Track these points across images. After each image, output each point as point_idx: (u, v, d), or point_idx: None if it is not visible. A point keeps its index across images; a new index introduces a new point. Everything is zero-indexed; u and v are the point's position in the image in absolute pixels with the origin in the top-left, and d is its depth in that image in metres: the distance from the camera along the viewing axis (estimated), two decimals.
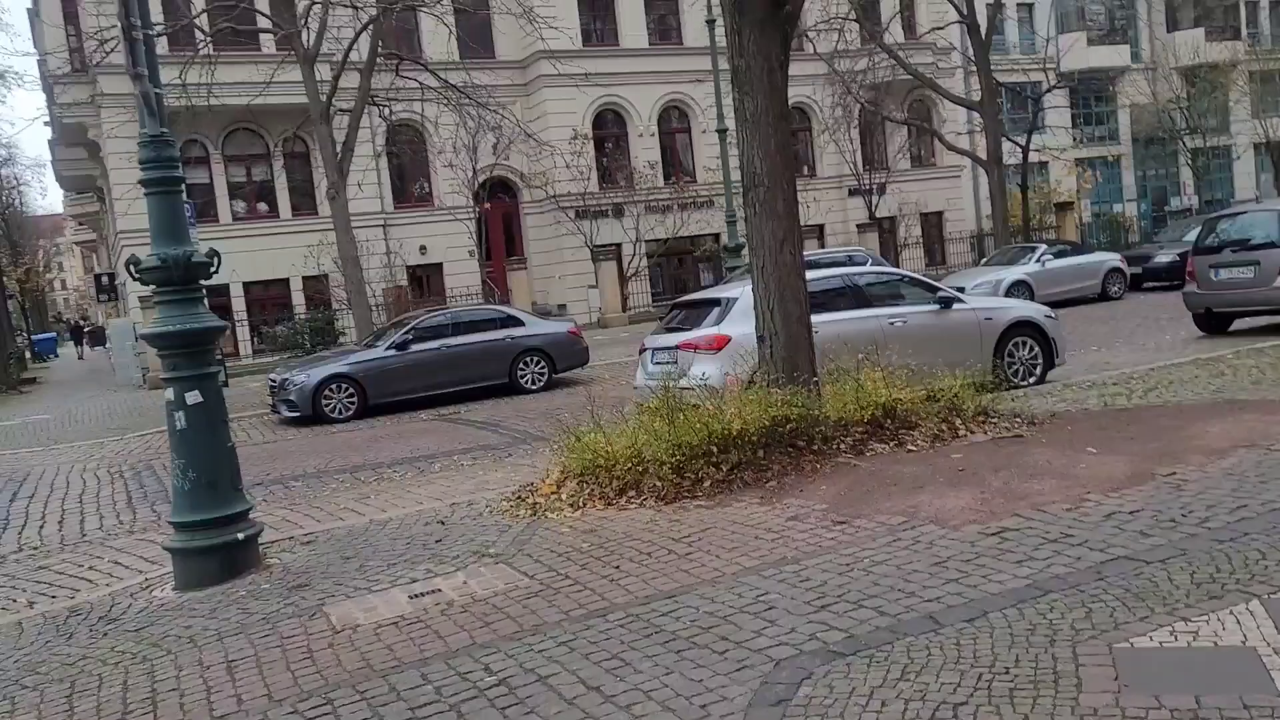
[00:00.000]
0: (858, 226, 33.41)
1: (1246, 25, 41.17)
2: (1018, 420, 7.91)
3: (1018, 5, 37.24)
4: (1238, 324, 13.76)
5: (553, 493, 7.24)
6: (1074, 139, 37.70)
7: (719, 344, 9.48)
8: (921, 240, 35.48)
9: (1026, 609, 4.20)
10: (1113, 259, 23.08)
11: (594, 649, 4.37)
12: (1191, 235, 24.21)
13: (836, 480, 6.75)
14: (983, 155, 26.46)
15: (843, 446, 7.28)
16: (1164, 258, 23.02)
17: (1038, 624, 4.02)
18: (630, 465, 6.99)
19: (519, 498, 7.42)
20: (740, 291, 9.91)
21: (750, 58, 7.87)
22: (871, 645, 4.03)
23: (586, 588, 5.24)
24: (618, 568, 5.51)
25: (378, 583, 5.78)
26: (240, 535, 6.38)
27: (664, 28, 32.37)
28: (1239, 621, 3.79)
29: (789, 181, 8.05)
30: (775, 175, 7.93)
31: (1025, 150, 30.02)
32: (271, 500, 9.10)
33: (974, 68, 28.95)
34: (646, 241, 31.06)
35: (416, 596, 5.47)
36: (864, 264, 17.43)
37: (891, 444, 7.39)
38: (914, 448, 7.33)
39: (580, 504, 6.96)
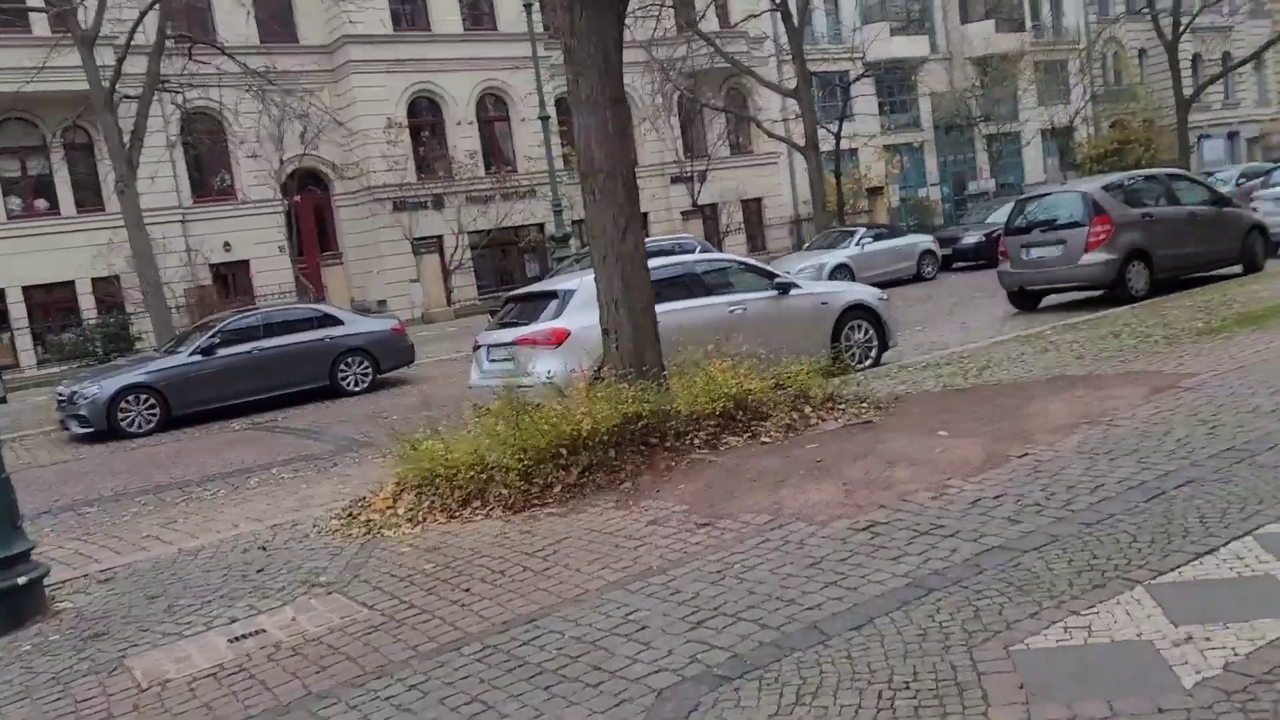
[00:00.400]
0: (682, 214, 33.59)
1: (1031, 18, 43.77)
2: (864, 406, 7.84)
3: None
4: (1047, 300, 14.38)
5: (388, 507, 6.64)
6: (881, 126, 39.12)
7: (558, 338, 9.05)
8: (743, 226, 36.03)
9: (913, 611, 3.97)
10: (926, 241, 23.97)
11: (450, 690, 3.89)
12: (994, 217, 25.51)
13: (694, 478, 6.45)
14: (800, 141, 26.98)
15: (696, 441, 7.00)
16: (971, 239, 24.10)
17: (928, 628, 3.79)
18: (473, 473, 6.49)
19: (350, 514, 6.78)
20: (578, 283, 9.51)
21: (583, 37, 7.44)
22: (758, 665, 3.70)
23: (435, 616, 4.73)
24: (468, 590, 5.02)
25: (190, 625, 5.08)
26: (21, 580, 5.51)
27: (477, 13, 31.48)
28: (1128, 613, 3.67)
29: (628, 167, 7.70)
30: (615, 160, 7.55)
31: (838, 137, 30.88)
32: (62, 531, 8.04)
33: (787, 56, 29.53)
34: (469, 233, 30.21)
35: (237, 639, 4.81)
36: (693, 251, 17.37)
37: (745, 436, 7.16)
38: (768, 439, 7.12)
39: (420, 518, 6.41)
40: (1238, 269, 14.11)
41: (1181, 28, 31.20)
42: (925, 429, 6.90)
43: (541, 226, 31.01)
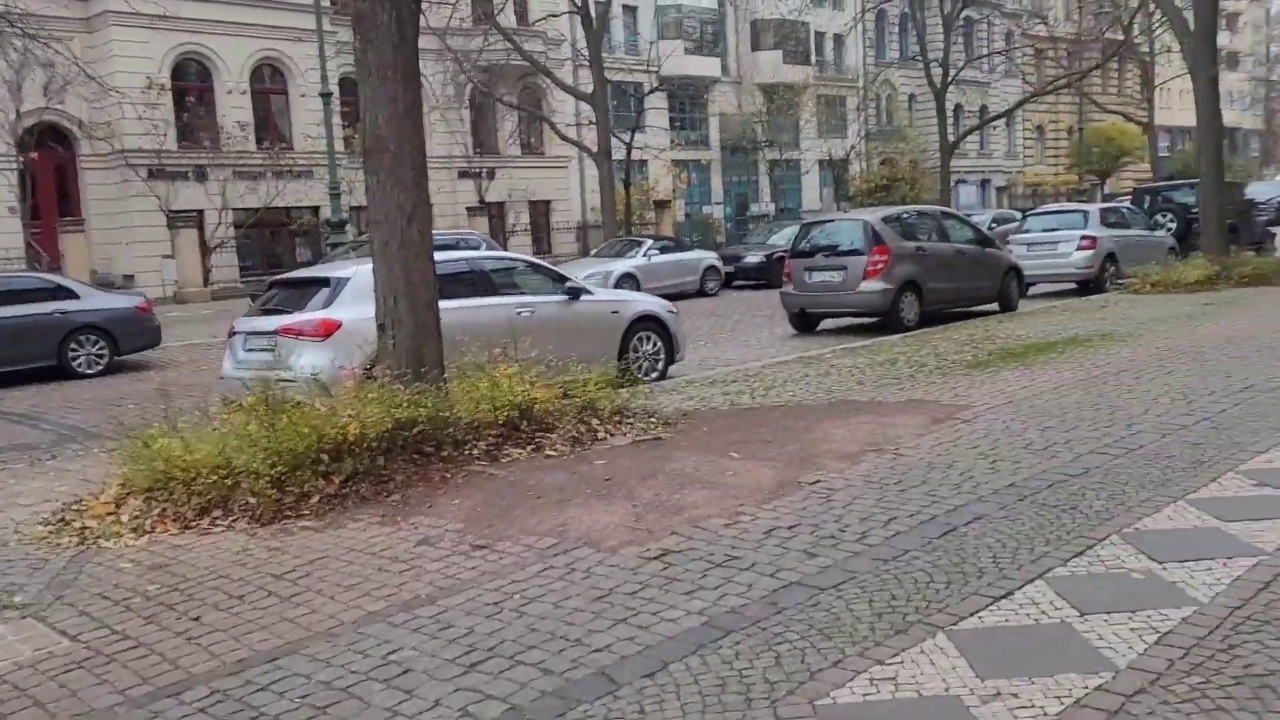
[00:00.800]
0: (467, 210, 32.71)
1: (816, 53, 45.77)
2: (654, 421, 7.54)
3: (624, 7, 38.42)
4: (824, 324, 14.75)
5: (109, 513, 5.73)
6: (671, 141, 39.68)
7: (327, 330, 8.25)
8: (530, 228, 35.54)
9: (710, 656, 3.63)
10: (710, 257, 24.32)
11: None
12: (775, 239, 26.28)
13: (471, 492, 5.91)
14: (593, 147, 26.80)
15: (476, 452, 6.46)
16: (753, 258, 24.66)
17: (727, 677, 3.45)
18: (216, 477, 5.68)
19: (62, 519, 5.82)
20: (353, 271, 8.74)
21: (376, 1, 6.76)
22: None
23: (154, 652, 3.98)
24: (199, 619, 4.28)
25: None
26: None
27: None
28: (933, 662, 3.46)
29: (418, 148, 7.06)
30: (403, 139, 6.90)
31: (629, 147, 30.94)
32: None
33: (584, 61, 29.32)
34: (234, 210, 28.11)
35: None
36: (478, 249, 16.72)
37: (529, 448, 6.68)
38: (553, 453, 6.67)
39: (147, 528, 5.55)
40: (995, 307, 14.97)
41: (950, 78, 33.33)
42: (716, 449, 6.66)
43: (316, 210, 29.34)
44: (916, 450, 6.34)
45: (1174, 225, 20.44)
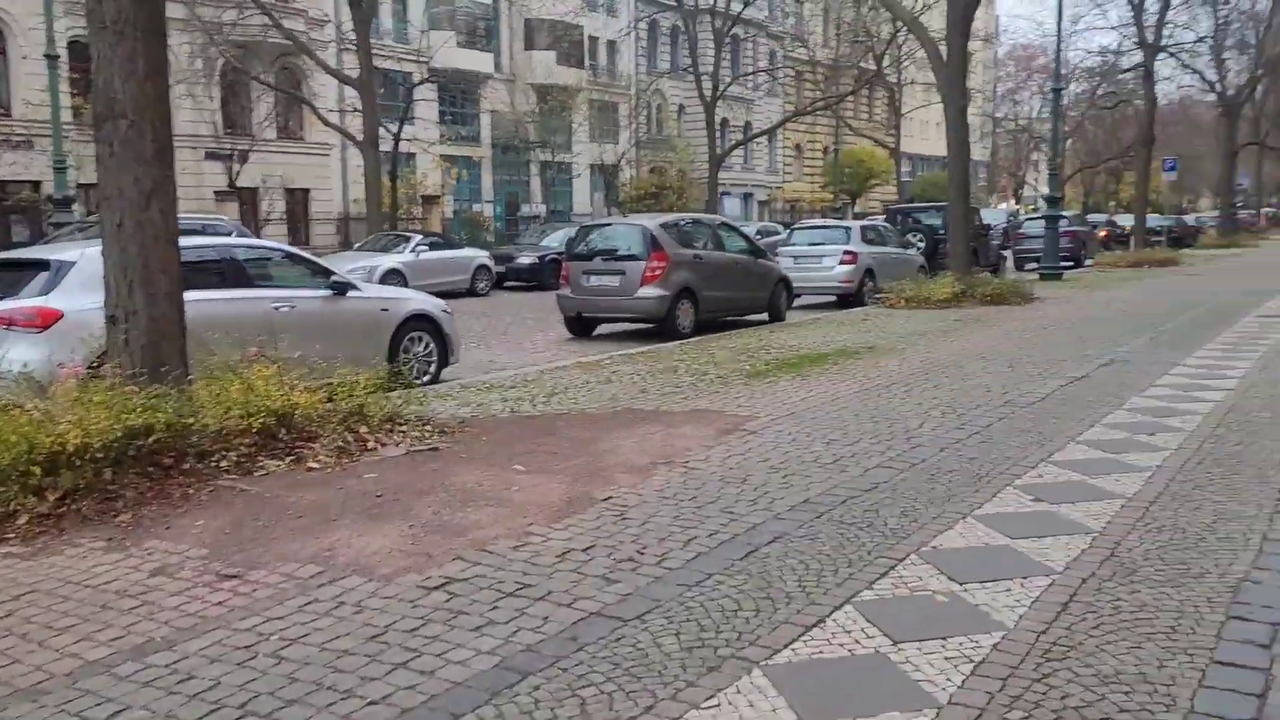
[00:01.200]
0: (215, 194, 30.43)
1: (589, 57, 45.94)
2: (429, 429, 6.99)
3: None
4: (600, 329, 14.56)
5: None
6: (441, 135, 38.58)
7: (46, 320, 7.15)
8: (286, 217, 33.50)
9: (506, 705, 3.19)
10: (482, 256, 23.71)
11: None
12: (548, 241, 26.01)
13: (219, 512, 5.17)
14: (358, 135, 25.50)
15: (225, 465, 5.70)
16: (525, 259, 24.27)
17: None
18: None
19: None
20: (79, 254, 7.66)
21: None
22: None
23: None
24: None
25: None
26: None
27: None
28: (752, 704, 3.19)
29: (163, 119, 6.20)
30: (144, 107, 6.03)
31: (396, 138, 29.73)
32: None
33: (349, 45, 27.91)
34: None
35: None
36: (228, 237, 15.39)
37: (288, 460, 5.98)
38: (317, 465, 6.00)
39: None
40: (764, 317, 15.29)
41: (720, 91, 34.25)
42: (499, 461, 6.20)
43: (38, 185, 26.35)
44: (707, 463, 6.15)
45: (923, 245, 21.75)
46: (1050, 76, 59.28)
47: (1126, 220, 44.71)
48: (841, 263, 17.80)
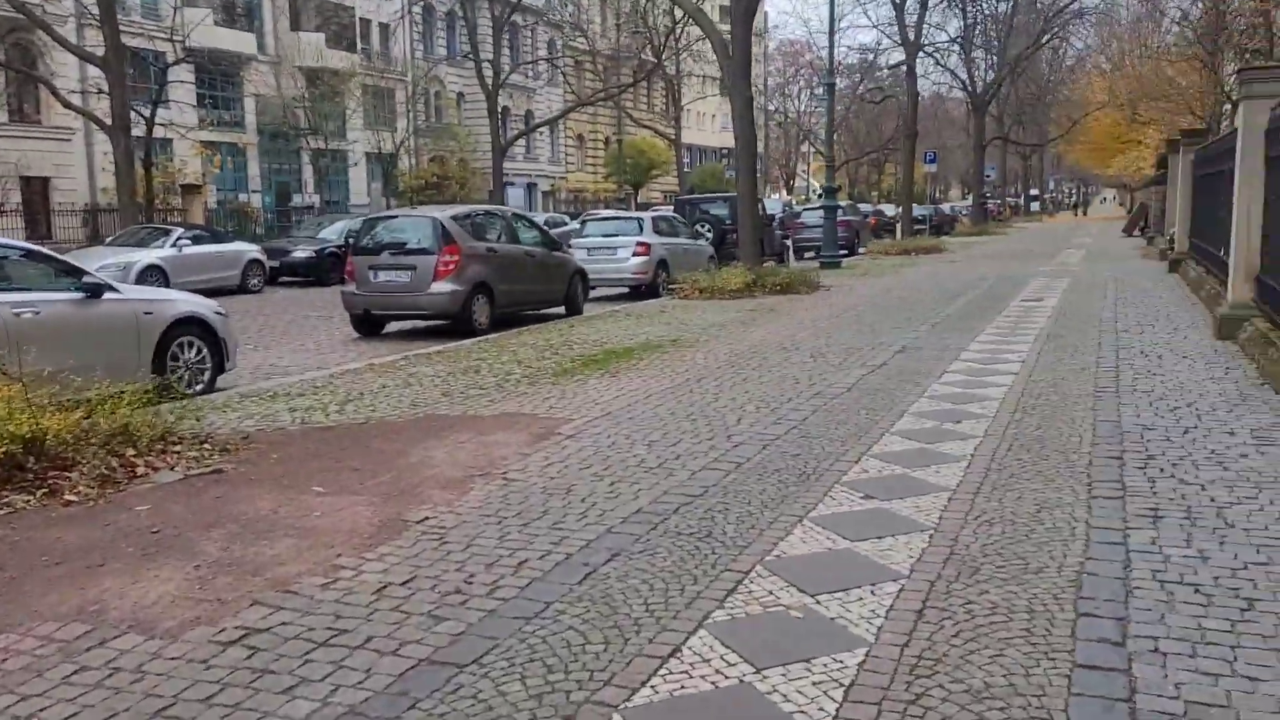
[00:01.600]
0: None
1: (362, 40, 44.07)
2: (209, 448, 6.24)
3: None
4: (391, 326, 13.82)
5: None
6: (201, 120, 35.90)
7: None
8: (23, 209, 30.23)
9: None
10: (253, 250, 22.16)
11: None
12: (326, 233, 24.68)
13: None
14: (106, 119, 23.22)
15: None
16: (302, 253, 22.92)
17: None
18: None
19: None
20: None
21: None
22: None
23: None
24: None
25: None
26: None
27: None
28: None
29: None
30: None
31: (150, 122, 27.34)
32: None
33: (92, 20, 25.41)
34: None
35: None
36: None
37: (40, 494, 5.14)
38: (75, 497, 5.18)
39: None
40: (562, 310, 14.99)
41: (501, 79, 33.61)
42: (295, 483, 5.58)
43: None
44: (526, 473, 5.76)
45: (710, 235, 22.06)
46: (817, 72, 62.00)
47: (889, 209, 47.49)
48: (635, 254, 17.74)
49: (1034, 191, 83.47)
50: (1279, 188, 8.86)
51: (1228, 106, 26.84)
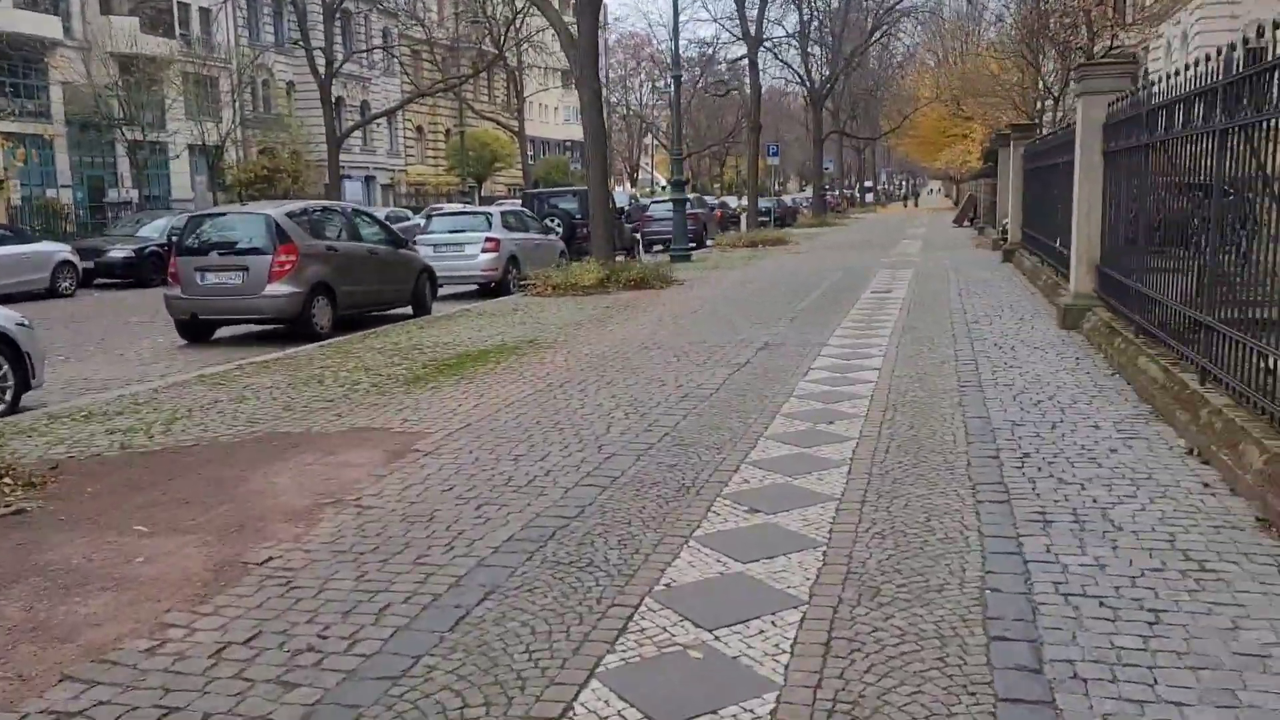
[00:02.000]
0: None
1: (180, 26, 41.50)
2: (9, 483, 5.46)
3: None
4: (221, 332, 12.87)
5: None
6: (0, 109, 33.01)
7: None
8: None
9: None
10: (63, 250, 20.43)
11: None
12: (145, 230, 23.05)
13: None
14: None
15: None
16: (119, 253, 21.33)
17: None
18: None
19: None
20: None
21: None
22: None
23: None
24: None
25: None
26: None
27: None
28: None
29: None
30: None
31: None
32: None
33: None
34: None
35: None
36: None
37: None
38: None
39: None
40: (409, 310, 14.32)
41: (335, 67, 32.20)
42: (114, 521, 4.90)
43: None
44: (383, 499, 5.25)
45: (561, 230, 21.63)
46: (659, 65, 62.29)
47: (733, 201, 48.16)
48: (484, 250, 17.16)
49: (868, 184, 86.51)
50: (1117, 181, 9.13)
51: (1049, 101, 28.24)
